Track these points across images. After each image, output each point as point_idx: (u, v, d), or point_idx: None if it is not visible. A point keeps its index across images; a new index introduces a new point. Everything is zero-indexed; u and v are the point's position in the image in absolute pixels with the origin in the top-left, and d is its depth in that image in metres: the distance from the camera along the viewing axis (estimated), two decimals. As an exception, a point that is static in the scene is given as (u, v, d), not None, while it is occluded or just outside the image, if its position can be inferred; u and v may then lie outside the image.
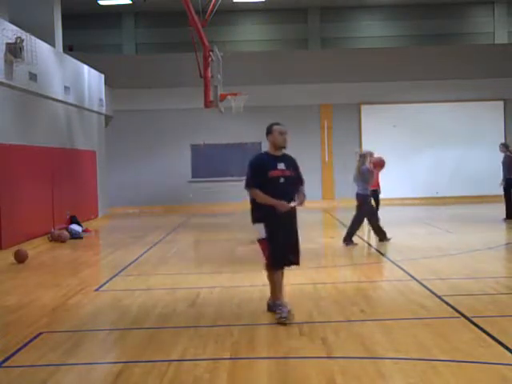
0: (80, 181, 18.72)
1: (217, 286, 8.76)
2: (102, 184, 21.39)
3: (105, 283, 9.32)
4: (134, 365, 5.44)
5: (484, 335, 5.93)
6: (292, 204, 6.69)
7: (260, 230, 6.71)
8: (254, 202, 6.80)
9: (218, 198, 23.26)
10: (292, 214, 6.82)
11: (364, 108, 23.52)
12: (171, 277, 9.80)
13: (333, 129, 23.32)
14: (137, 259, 11.61)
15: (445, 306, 7.16)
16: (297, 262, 6.89)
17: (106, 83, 21.83)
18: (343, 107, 23.38)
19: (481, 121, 23.41)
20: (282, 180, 6.67)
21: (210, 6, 17.30)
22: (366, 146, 21.21)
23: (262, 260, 6.94)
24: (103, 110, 21.74)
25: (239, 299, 7.90)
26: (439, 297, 7.57)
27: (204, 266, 10.72)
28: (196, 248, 14.25)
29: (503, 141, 20.76)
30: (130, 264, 11.00)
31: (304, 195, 6.90)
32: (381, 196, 15.43)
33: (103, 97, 21.62)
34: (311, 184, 22.75)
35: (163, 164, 23.59)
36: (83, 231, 16.15)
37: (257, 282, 8.90)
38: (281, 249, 6.70)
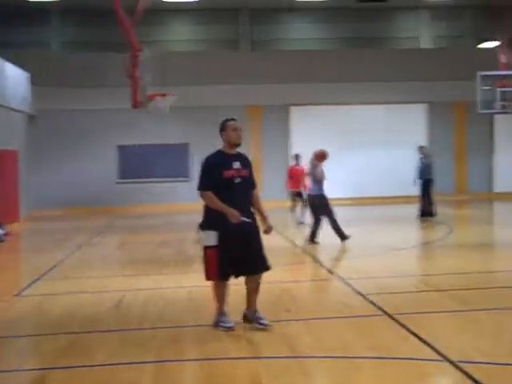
0: (0, 181, 18.12)
1: (142, 289, 8.64)
2: (25, 185, 20.79)
3: (26, 288, 9.03)
4: (57, 371, 5.30)
5: (405, 332, 6.07)
6: (245, 219, 6.14)
7: (210, 237, 6.16)
8: (206, 206, 6.32)
9: (145, 199, 22.98)
10: (253, 226, 6.29)
11: (293, 109, 23.72)
12: (96, 280, 9.60)
13: (262, 130, 23.43)
14: (60, 262, 11.31)
15: (369, 304, 7.28)
16: (254, 271, 6.32)
17: (31, 82, 21.24)
18: (272, 109, 23.51)
19: (407, 123, 23.97)
20: (237, 180, 6.20)
21: (139, 5, 17.08)
22: (296, 148, 21.43)
23: (204, 268, 6.31)
24: (27, 108, 21.15)
25: (165, 301, 7.81)
26: (363, 295, 7.69)
27: (129, 269, 10.56)
28: (121, 250, 14.02)
29: (425, 143, 21.37)
30: (52, 268, 10.70)
31: (269, 224, 6.43)
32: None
33: (27, 95, 21.03)
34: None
35: (89, 165, 23.13)
36: (5, 234, 15.64)
37: (183, 283, 8.84)
38: (229, 261, 6.14)
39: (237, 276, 6.33)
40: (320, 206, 12.23)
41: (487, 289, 8.13)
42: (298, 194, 15.94)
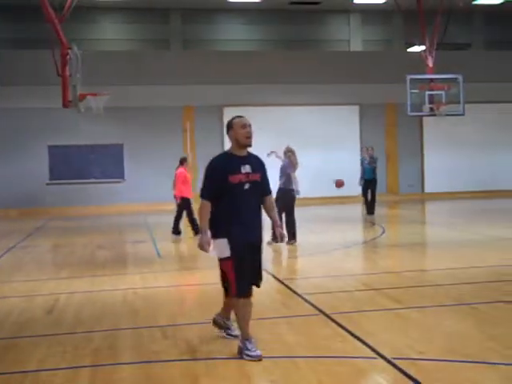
0: None
1: (77, 292, 8.47)
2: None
3: (-47, 292, 8.73)
4: (-13, 378, 5.14)
5: (341, 330, 6.16)
6: (211, 252, 5.57)
7: (221, 247, 5.43)
8: (214, 211, 5.54)
9: (78, 200, 22.55)
10: (259, 230, 5.66)
11: (227, 110, 23.72)
12: (27, 283, 9.35)
13: (195, 131, 23.34)
14: (-10, 266, 10.98)
15: (306, 304, 7.37)
16: (259, 285, 5.70)
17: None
18: (206, 109, 23.46)
19: (340, 124, 24.36)
20: (246, 186, 5.45)
21: (68, 2, 16.74)
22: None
23: (228, 289, 5.62)
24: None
25: (100, 304, 7.69)
26: (301, 295, 7.77)
27: (63, 271, 10.33)
28: (55, 253, 13.71)
29: (364, 144, 21.75)
30: (-18, 271, 10.38)
31: (282, 232, 5.91)
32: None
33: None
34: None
35: (19, 165, 22.51)
36: None
37: (119, 285, 8.72)
38: (248, 271, 5.47)
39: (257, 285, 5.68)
40: (289, 202, 12.27)
41: (419, 287, 8.34)
42: None
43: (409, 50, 26.54)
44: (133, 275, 9.69)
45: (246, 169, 5.48)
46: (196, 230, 13.85)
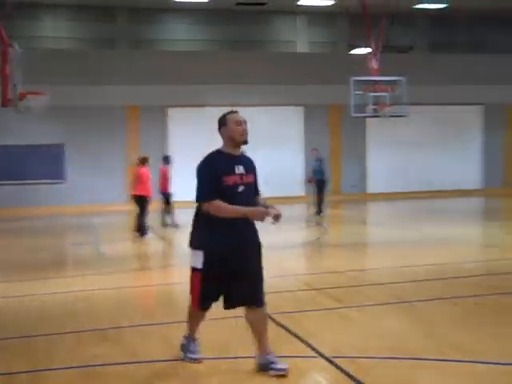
0: None
1: (15, 296, 8.29)
2: None
3: None
4: None
5: (283, 331, 6.21)
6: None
7: (195, 258, 5.05)
8: (198, 221, 5.07)
9: (17, 201, 22.01)
10: (255, 245, 5.23)
11: (171, 111, 23.58)
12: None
13: (140, 131, 23.11)
14: None
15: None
16: (251, 303, 5.22)
17: None
18: (150, 109, 23.25)
19: (285, 125, 24.50)
20: (240, 189, 4.97)
21: (9, -1, 16.40)
22: (174, 150, 21.39)
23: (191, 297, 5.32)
24: None
25: (40, 307, 7.54)
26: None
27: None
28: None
29: (303, 145, 21.93)
30: None
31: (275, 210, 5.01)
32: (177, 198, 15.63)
33: None
34: (115, 186, 22.51)
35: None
36: None
37: (53, 289, 8.57)
38: (214, 289, 5.10)
39: (231, 307, 5.29)
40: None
41: (359, 286, 8.47)
42: (167, 196, 15.77)
43: (353, 51, 26.91)
44: (74, 278, 9.55)
45: (240, 169, 5.01)
46: (140, 231, 13.76)
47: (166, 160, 16.15)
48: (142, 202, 13.93)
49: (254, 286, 5.17)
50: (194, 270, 5.11)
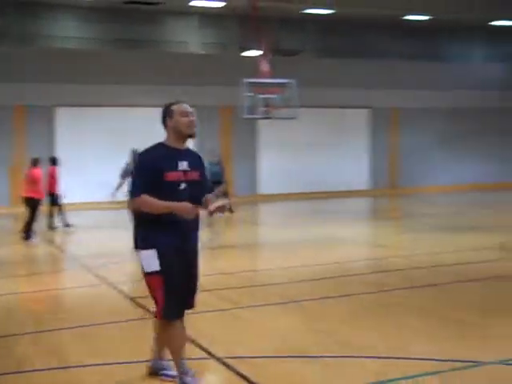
0: None
1: None
2: None
3: None
4: None
5: (175, 333, 6.16)
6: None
7: (149, 260, 4.50)
8: (141, 217, 4.62)
9: None
10: (195, 238, 4.77)
11: (59, 110, 22.88)
12: None
13: (26, 131, 22.27)
14: None
15: (138, 308, 7.29)
16: (193, 305, 4.85)
17: None
18: (37, 109, 22.44)
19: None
20: (182, 186, 4.56)
21: None
22: (62, 150, 20.77)
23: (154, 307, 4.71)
24: None
25: None
26: (133, 299, 7.68)
27: None
28: None
29: (195, 146, 21.83)
30: None
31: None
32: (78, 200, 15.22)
33: None
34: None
35: None
36: None
37: None
38: (181, 290, 4.58)
39: (189, 308, 4.79)
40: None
41: (251, 287, 8.56)
42: (54, 197, 15.35)
43: (245, 53, 27.14)
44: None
45: (184, 165, 4.59)
46: (27, 234, 13.28)
47: (53, 161, 15.78)
48: (33, 204, 13.46)
49: (195, 289, 4.80)
50: (149, 274, 4.52)
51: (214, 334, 6.12)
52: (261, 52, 21.70)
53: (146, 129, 23.79)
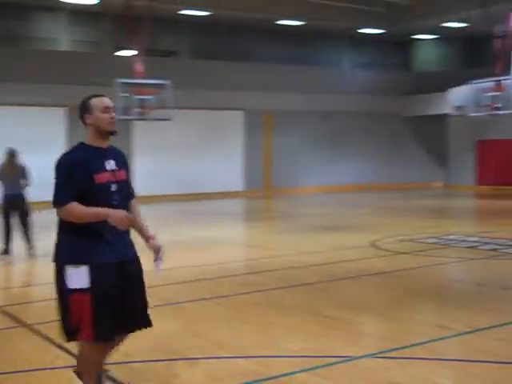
0: None
1: None
2: None
3: None
4: None
5: (45, 342, 5.89)
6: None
7: (76, 277, 3.94)
8: (65, 227, 4.04)
9: None
10: (133, 249, 4.37)
11: None
12: None
13: None
14: None
15: (5, 316, 6.91)
16: (146, 324, 4.39)
17: None
18: None
19: (44, 126, 23.42)
20: (114, 188, 4.10)
21: None
22: None
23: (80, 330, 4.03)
24: None
25: None
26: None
27: None
28: None
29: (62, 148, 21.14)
30: None
31: (157, 245, 4.53)
32: None
33: None
34: None
35: None
36: None
37: None
38: (113, 309, 4.03)
39: (119, 334, 4.20)
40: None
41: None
42: None
43: (119, 53, 26.61)
44: None
45: (111, 165, 4.15)
46: None
47: None
48: None
49: (144, 302, 4.37)
50: (74, 291, 3.95)
51: (87, 341, 5.89)
52: (135, 52, 21.38)
53: (13, 129, 22.78)
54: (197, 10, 25.96)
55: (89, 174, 3.98)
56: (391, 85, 30.17)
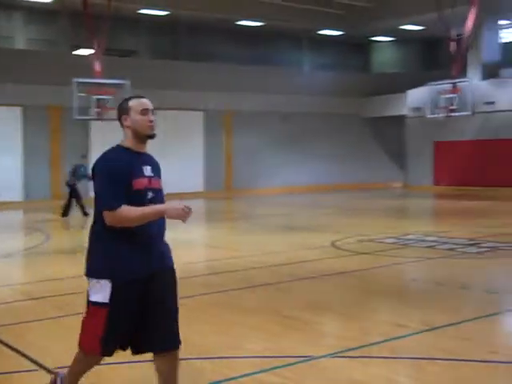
0: None
1: None
2: None
3: None
4: None
5: (1, 346, 5.76)
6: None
7: (99, 290, 3.80)
8: (99, 239, 3.85)
9: None
10: (171, 271, 4.08)
11: None
12: None
13: None
14: None
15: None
16: (172, 344, 3.98)
17: None
18: None
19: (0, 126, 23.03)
20: (150, 196, 3.86)
21: None
22: None
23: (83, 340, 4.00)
24: None
25: None
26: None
27: None
28: None
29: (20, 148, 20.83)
30: None
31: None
32: None
33: None
34: None
35: None
36: None
37: None
38: (124, 329, 3.85)
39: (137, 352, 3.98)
40: None
41: (81, 293, 8.19)
42: None
43: (76, 52, 26.26)
44: None
45: (148, 171, 3.91)
46: None
47: None
48: None
49: (172, 323, 3.99)
50: (93, 304, 3.84)
51: (44, 344, 5.80)
52: (93, 51, 21.11)
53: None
54: (156, 9, 25.82)
55: (128, 179, 3.77)
56: (350, 86, 30.45)
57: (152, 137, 3.94)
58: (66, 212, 17.99)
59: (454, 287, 8.25)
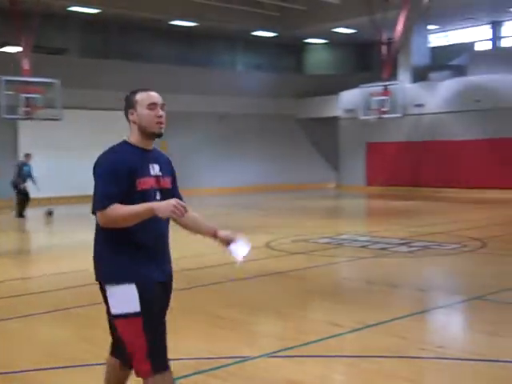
0: None
1: None
2: None
3: None
4: None
5: None
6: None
7: (123, 298, 3.42)
8: (104, 237, 3.53)
9: None
10: (170, 267, 3.86)
11: None
12: None
13: None
14: None
15: None
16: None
17: None
18: None
19: None
20: (158, 196, 3.53)
21: None
22: None
23: (134, 360, 3.48)
24: None
25: None
26: None
27: None
28: None
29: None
30: None
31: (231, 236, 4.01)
32: None
33: None
34: None
35: None
36: None
37: None
38: (164, 336, 3.49)
39: None
40: None
41: (20, 296, 7.99)
42: None
43: (3, 49, 25.50)
44: None
45: (156, 170, 3.57)
46: None
47: None
48: None
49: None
50: (124, 317, 3.41)
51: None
52: (21, 48, 20.54)
53: None
54: (86, 6, 25.34)
55: (131, 178, 3.42)
56: (284, 87, 30.69)
57: (158, 135, 3.57)
58: (20, 212, 17.66)
59: (385, 286, 8.37)
